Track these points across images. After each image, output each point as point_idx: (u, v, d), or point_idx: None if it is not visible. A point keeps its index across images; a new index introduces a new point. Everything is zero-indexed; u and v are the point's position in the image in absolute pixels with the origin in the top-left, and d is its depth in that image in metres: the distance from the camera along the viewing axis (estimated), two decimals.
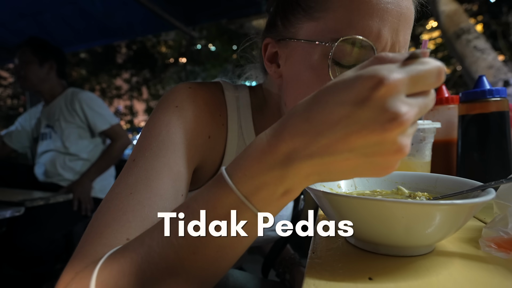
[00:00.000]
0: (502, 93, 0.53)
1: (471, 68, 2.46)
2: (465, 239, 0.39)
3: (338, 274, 0.30)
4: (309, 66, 0.45)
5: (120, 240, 0.34)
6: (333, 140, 0.25)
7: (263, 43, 0.53)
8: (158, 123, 0.44)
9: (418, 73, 0.24)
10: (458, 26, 2.58)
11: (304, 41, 0.45)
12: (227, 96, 0.55)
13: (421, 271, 0.31)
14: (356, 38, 0.42)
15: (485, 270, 0.30)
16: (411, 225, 0.30)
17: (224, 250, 0.30)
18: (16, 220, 1.31)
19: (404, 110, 0.23)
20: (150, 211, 0.37)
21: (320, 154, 0.25)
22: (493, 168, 0.52)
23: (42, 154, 1.69)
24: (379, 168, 0.26)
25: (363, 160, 0.25)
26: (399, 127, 0.23)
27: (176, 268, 0.29)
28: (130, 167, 0.41)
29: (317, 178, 0.27)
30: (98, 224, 0.36)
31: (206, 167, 0.51)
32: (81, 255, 0.33)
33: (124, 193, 0.38)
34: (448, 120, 0.69)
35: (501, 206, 0.35)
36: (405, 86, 0.24)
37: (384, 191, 0.47)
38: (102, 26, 2.24)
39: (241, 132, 0.54)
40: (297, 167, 0.26)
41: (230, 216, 0.28)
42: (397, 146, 0.24)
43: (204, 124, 0.48)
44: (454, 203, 0.29)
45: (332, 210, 0.35)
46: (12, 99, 6.88)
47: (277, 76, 0.52)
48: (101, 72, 7.70)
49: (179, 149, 0.43)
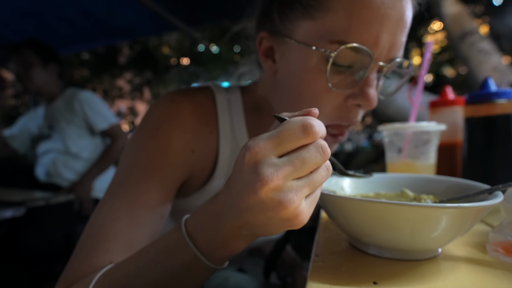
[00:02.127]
0: (509, 95, 0.53)
1: (475, 70, 2.45)
2: (472, 243, 0.38)
3: (342, 278, 0.30)
4: (306, 68, 0.45)
5: (104, 263, 0.40)
6: (240, 201, 0.29)
7: (258, 36, 0.52)
8: (140, 147, 0.47)
9: (279, 134, 0.27)
10: (462, 28, 2.57)
11: (301, 43, 0.45)
12: (218, 99, 0.55)
13: (427, 275, 0.30)
14: (355, 46, 0.42)
15: (492, 275, 0.30)
16: (417, 229, 0.30)
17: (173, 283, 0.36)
18: (16, 220, 1.31)
19: (267, 171, 0.26)
20: (130, 238, 0.42)
21: (239, 212, 0.30)
22: (499, 171, 0.51)
23: (43, 154, 1.69)
24: (281, 222, 0.28)
25: (263, 216, 0.28)
26: (266, 186, 0.26)
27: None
28: (114, 191, 0.45)
29: (247, 232, 0.32)
30: (85, 246, 0.42)
31: (196, 176, 0.53)
32: (72, 272, 0.41)
33: (108, 219, 0.43)
34: (453, 122, 0.68)
35: (509, 210, 0.35)
36: (271, 149, 0.27)
37: (388, 193, 0.47)
38: (105, 26, 2.24)
39: (234, 134, 0.55)
40: (228, 221, 0.32)
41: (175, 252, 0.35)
42: (276, 203, 0.26)
43: (185, 141, 0.49)
44: (461, 206, 0.28)
45: (335, 212, 0.34)
46: (15, 98, 6.92)
47: (272, 71, 0.52)
48: (103, 73, 7.72)
49: (160, 174, 0.46)
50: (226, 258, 0.36)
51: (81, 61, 7.12)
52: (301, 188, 0.27)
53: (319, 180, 0.28)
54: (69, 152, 1.65)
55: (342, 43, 0.42)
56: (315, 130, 0.27)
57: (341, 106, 0.47)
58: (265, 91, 0.57)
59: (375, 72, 0.45)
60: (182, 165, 0.49)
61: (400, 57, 0.46)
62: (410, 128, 0.60)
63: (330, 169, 0.29)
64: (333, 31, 0.42)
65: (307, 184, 0.28)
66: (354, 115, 0.48)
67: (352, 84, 0.45)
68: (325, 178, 0.29)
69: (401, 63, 0.48)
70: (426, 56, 0.61)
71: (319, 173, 0.28)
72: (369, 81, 0.45)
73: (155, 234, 0.46)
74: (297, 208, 0.27)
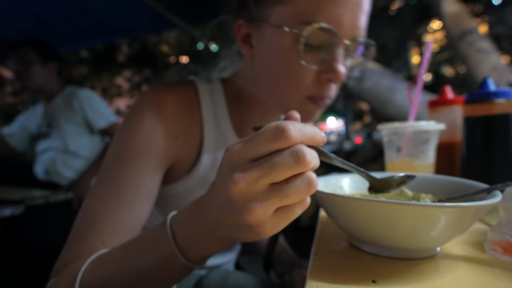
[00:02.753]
0: (507, 95, 0.53)
1: (474, 70, 2.45)
2: (470, 242, 0.39)
3: (341, 277, 0.30)
4: (281, 48, 0.50)
5: (96, 243, 0.45)
6: (215, 199, 0.30)
7: (236, 24, 0.56)
8: (126, 135, 0.51)
9: (253, 138, 0.27)
10: (461, 27, 2.57)
11: (276, 26, 0.50)
12: (200, 89, 0.59)
13: (426, 274, 0.30)
14: (322, 26, 0.47)
15: (490, 274, 0.30)
16: (416, 228, 0.30)
17: (146, 274, 0.37)
18: (15, 219, 1.31)
19: (237, 173, 0.26)
20: (119, 219, 0.46)
21: (214, 211, 0.31)
22: (498, 170, 0.51)
23: (42, 152, 1.69)
24: (244, 228, 0.28)
25: (230, 218, 0.29)
26: (234, 187, 0.26)
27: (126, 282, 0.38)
28: (104, 176, 0.49)
29: (221, 234, 0.32)
30: (79, 228, 0.46)
31: (182, 162, 0.56)
32: (68, 253, 0.45)
33: (99, 202, 0.47)
34: (452, 122, 0.68)
35: (507, 209, 0.35)
36: (245, 152, 0.27)
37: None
38: (104, 24, 2.23)
39: (218, 121, 0.59)
40: (205, 220, 0.32)
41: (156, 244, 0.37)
42: (240, 206, 0.27)
43: (168, 127, 0.52)
44: (459, 205, 0.28)
45: (335, 211, 0.35)
46: (14, 96, 6.89)
47: (251, 56, 0.56)
48: (102, 71, 7.70)
49: (144, 159, 0.49)
50: (201, 257, 0.36)
51: (80, 59, 7.10)
52: (268, 198, 0.26)
53: (292, 193, 0.26)
54: (68, 151, 1.65)
55: (311, 23, 0.47)
56: (289, 134, 0.25)
57: (314, 82, 0.52)
58: (245, 79, 0.60)
59: (342, 50, 0.51)
60: (166, 150, 0.52)
61: (363, 37, 0.52)
62: (409, 127, 0.60)
63: (312, 183, 0.26)
64: (303, 14, 0.48)
65: (277, 194, 0.26)
66: (327, 89, 0.53)
67: (322, 61, 0.51)
68: (302, 192, 0.26)
69: (364, 42, 0.53)
70: (426, 55, 0.62)
71: (294, 185, 0.26)
72: (337, 58, 0.50)
73: (142, 216, 0.50)
74: (258, 218, 0.26)
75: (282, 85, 0.53)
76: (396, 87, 2.67)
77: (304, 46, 0.48)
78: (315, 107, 0.54)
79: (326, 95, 0.53)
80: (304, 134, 0.26)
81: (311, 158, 0.26)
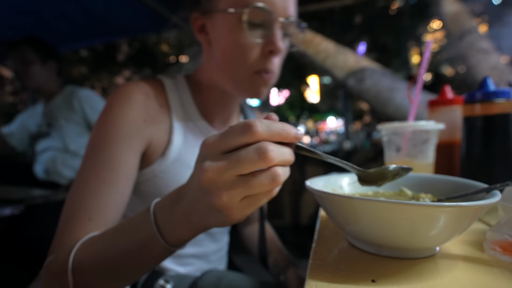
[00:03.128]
0: (507, 94, 0.53)
1: (474, 69, 2.45)
2: (470, 242, 0.39)
3: (340, 276, 0.30)
4: (229, 29, 0.60)
5: (84, 220, 0.51)
6: (191, 186, 0.34)
7: (191, 18, 0.66)
8: (102, 123, 0.58)
9: (225, 132, 0.30)
10: (461, 27, 2.57)
11: (224, 12, 0.60)
12: (165, 83, 0.68)
13: (425, 273, 0.30)
14: (258, 6, 0.58)
15: (489, 274, 0.30)
16: (415, 227, 0.30)
17: (130, 253, 0.41)
18: (15, 218, 1.30)
19: (207, 163, 0.30)
20: (102, 197, 0.52)
21: (190, 196, 0.34)
22: (497, 170, 0.52)
23: (42, 152, 1.68)
24: (213, 212, 0.32)
25: (200, 204, 0.33)
26: (203, 175, 0.30)
27: (109, 263, 0.42)
28: (85, 163, 0.56)
29: (195, 219, 0.36)
30: (68, 210, 0.53)
31: (155, 144, 0.62)
32: (62, 234, 0.51)
33: (83, 184, 0.54)
34: (452, 122, 0.69)
35: (507, 209, 0.35)
36: (217, 145, 0.30)
37: (387, 192, 0.47)
38: (103, 23, 2.23)
39: (184, 106, 0.68)
40: (182, 205, 0.36)
41: (140, 227, 0.41)
42: (208, 192, 0.31)
43: (136, 112, 0.59)
44: (459, 205, 0.28)
45: (334, 211, 0.35)
46: (13, 95, 6.88)
47: (207, 43, 0.65)
48: (102, 70, 7.69)
49: (119, 142, 0.56)
50: (179, 240, 0.39)
51: (80, 58, 7.08)
52: (234, 187, 0.30)
53: (256, 185, 0.29)
54: (68, 150, 1.65)
55: (250, 5, 0.58)
56: (255, 130, 0.29)
57: (259, 56, 0.61)
58: (203, 70, 0.69)
59: (279, 27, 0.60)
60: (137, 133, 0.58)
61: (294, 17, 0.63)
62: (409, 127, 0.60)
63: (275, 179, 0.29)
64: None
65: (243, 185, 0.30)
66: (270, 63, 0.62)
67: (264, 37, 0.60)
68: (265, 186, 0.30)
69: (296, 22, 0.64)
70: (426, 55, 0.62)
71: (258, 178, 0.29)
72: (275, 32, 0.60)
73: (124, 194, 0.56)
74: (225, 203, 0.30)
75: (234, 62, 0.62)
76: (396, 87, 2.67)
77: (247, 24, 0.58)
78: (262, 80, 0.63)
79: (270, 69, 0.62)
80: (271, 130, 0.29)
81: (275, 155, 0.29)
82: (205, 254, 0.75)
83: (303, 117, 12.70)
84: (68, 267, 0.43)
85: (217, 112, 0.71)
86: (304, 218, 3.40)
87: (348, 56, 3.00)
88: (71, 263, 0.43)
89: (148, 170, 0.63)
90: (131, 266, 0.42)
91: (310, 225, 3.27)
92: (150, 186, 0.64)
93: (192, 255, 0.72)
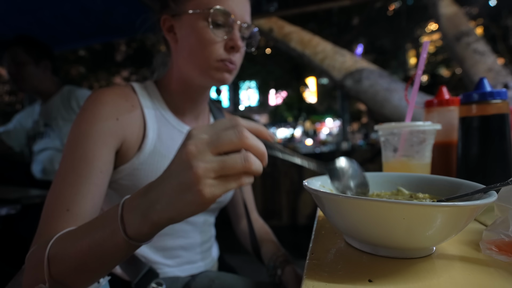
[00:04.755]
0: (503, 95, 0.53)
1: (470, 71, 2.46)
2: (466, 242, 0.39)
3: (337, 276, 0.30)
4: (196, 28, 0.67)
5: (62, 211, 0.55)
6: (170, 166, 0.37)
7: (161, 20, 0.72)
8: (77, 123, 0.63)
9: (214, 123, 0.36)
10: (458, 29, 2.58)
11: (190, 13, 0.67)
12: (135, 87, 0.73)
13: (422, 273, 0.30)
14: (219, 8, 0.66)
15: (486, 273, 0.30)
16: (412, 227, 0.30)
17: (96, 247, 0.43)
18: (12, 218, 1.30)
19: (190, 140, 0.34)
20: (78, 189, 0.56)
21: (161, 181, 0.38)
22: (493, 170, 0.52)
23: (39, 152, 1.67)
24: (185, 189, 0.34)
25: (175, 181, 0.35)
26: (185, 149, 0.34)
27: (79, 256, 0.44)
28: (64, 161, 0.60)
29: (160, 207, 0.37)
30: (49, 201, 0.57)
31: (129, 141, 0.67)
32: (42, 226, 0.57)
33: (61, 179, 0.57)
34: (448, 122, 0.69)
35: (502, 209, 0.35)
36: (205, 131, 0.35)
37: (384, 192, 0.47)
38: (102, 23, 2.22)
39: (155, 105, 0.73)
40: (149, 196, 0.39)
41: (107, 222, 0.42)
42: (188, 165, 0.34)
43: (108, 112, 0.63)
44: (455, 204, 0.28)
45: (331, 211, 0.35)
46: (10, 95, 6.85)
47: (175, 41, 0.72)
48: (100, 70, 7.67)
49: (92, 139, 0.60)
50: (139, 234, 0.40)
51: (78, 58, 7.06)
52: (211, 162, 0.34)
53: (230, 164, 0.33)
54: None
55: (214, 8, 0.65)
56: (238, 121, 0.35)
57: (223, 50, 0.68)
58: (171, 71, 0.75)
59: (238, 28, 0.69)
60: (110, 130, 0.63)
61: (249, 23, 0.71)
62: (406, 128, 0.60)
63: (248, 160, 0.34)
64: (208, 3, 0.66)
65: (219, 161, 0.34)
66: (233, 55, 0.69)
67: (226, 35, 0.68)
68: (238, 165, 0.34)
69: (251, 25, 0.73)
70: (422, 55, 0.62)
71: (233, 157, 0.34)
72: (235, 32, 0.68)
73: (99, 186, 0.59)
74: (198, 174, 0.33)
75: (200, 54, 0.68)
76: (393, 87, 2.68)
77: (212, 23, 0.66)
78: (226, 68, 0.69)
79: (232, 60, 0.69)
80: (250, 124, 0.36)
81: (250, 136, 0.34)
82: (192, 245, 0.77)
83: (301, 118, 12.72)
84: (44, 258, 0.45)
85: (187, 109, 0.77)
86: (302, 218, 3.40)
87: (346, 57, 3.01)
88: (47, 255, 0.45)
89: (127, 165, 0.67)
90: (96, 258, 0.43)
91: (308, 225, 3.28)
92: (131, 179, 0.68)
93: (180, 247, 0.75)
